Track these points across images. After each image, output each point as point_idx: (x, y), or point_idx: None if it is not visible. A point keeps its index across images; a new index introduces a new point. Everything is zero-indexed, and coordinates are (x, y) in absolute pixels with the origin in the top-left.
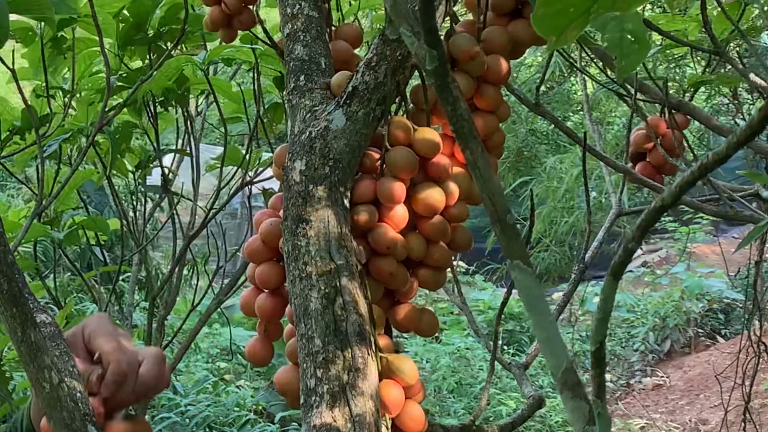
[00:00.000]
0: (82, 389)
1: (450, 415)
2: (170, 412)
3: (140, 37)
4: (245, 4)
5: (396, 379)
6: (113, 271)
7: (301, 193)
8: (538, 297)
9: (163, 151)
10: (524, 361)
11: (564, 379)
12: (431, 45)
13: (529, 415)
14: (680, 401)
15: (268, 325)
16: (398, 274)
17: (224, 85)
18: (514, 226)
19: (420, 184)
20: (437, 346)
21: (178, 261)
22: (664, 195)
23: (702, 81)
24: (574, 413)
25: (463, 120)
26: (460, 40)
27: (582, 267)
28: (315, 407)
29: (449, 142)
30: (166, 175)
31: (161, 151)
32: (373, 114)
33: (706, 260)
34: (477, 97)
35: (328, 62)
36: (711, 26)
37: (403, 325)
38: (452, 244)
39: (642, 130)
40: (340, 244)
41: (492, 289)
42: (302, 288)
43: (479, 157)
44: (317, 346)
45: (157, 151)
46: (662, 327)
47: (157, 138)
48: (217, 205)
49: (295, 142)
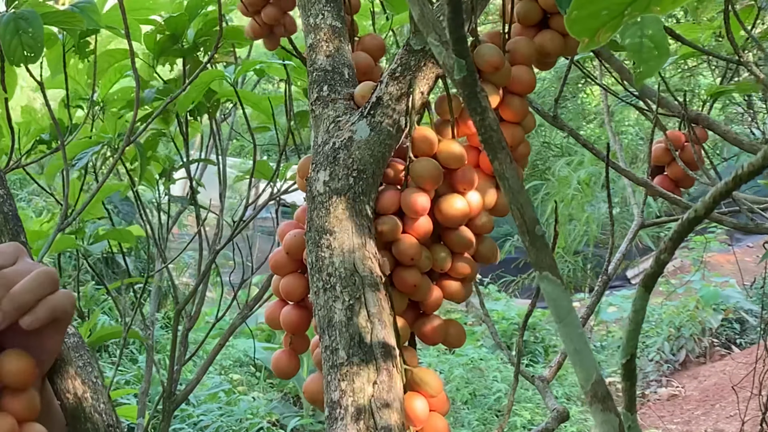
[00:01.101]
0: (105, 400)
1: (464, 426)
2: (183, 423)
3: (175, 49)
4: (284, 11)
5: (420, 391)
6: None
7: (325, 203)
8: (567, 309)
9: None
10: (547, 373)
11: (594, 391)
12: (459, 54)
13: (553, 429)
14: (696, 411)
15: (293, 337)
16: (422, 285)
17: (253, 97)
18: (542, 237)
19: (444, 195)
20: (451, 357)
21: (204, 275)
22: (697, 206)
23: (721, 91)
24: (603, 426)
25: (492, 130)
26: (485, 50)
27: (605, 279)
28: (340, 420)
29: (474, 153)
30: (193, 186)
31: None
32: (397, 125)
33: (721, 270)
34: (502, 107)
35: (351, 72)
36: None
37: (430, 337)
38: (477, 256)
39: (661, 143)
40: (364, 255)
41: (506, 300)
42: (326, 299)
43: (508, 167)
44: (341, 358)
45: (186, 162)
46: (677, 337)
47: (187, 150)
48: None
49: (319, 152)
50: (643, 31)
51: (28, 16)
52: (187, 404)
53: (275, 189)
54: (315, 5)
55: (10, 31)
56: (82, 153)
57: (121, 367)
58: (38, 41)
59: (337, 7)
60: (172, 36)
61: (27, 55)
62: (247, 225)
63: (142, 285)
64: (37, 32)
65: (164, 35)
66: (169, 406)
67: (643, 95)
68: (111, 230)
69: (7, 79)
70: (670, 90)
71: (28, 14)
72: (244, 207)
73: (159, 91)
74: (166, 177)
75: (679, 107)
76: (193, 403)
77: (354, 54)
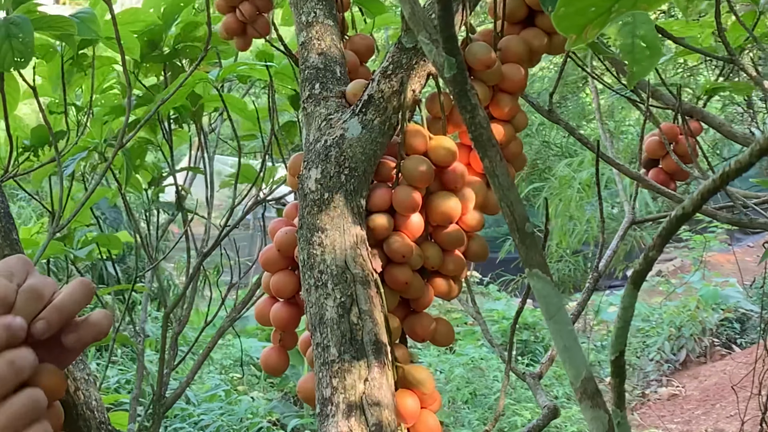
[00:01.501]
0: (98, 397)
1: (464, 426)
2: (183, 422)
3: (155, 55)
4: (260, 12)
5: (412, 388)
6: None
7: (317, 201)
8: (557, 306)
9: (176, 169)
10: (538, 370)
11: (583, 388)
12: (450, 53)
13: (543, 426)
14: (696, 411)
15: (283, 334)
16: (414, 283)
17: (239, 102)
18: (532, 234)
19: (436, 193)
20: (451, 357)
21: (192, 278)
22: (685, 203)
23: (716, 88)
24: (593, 423)
25: (482, 128)
26: (476, 48)
27: (596, 276)
28: (331, 417)
29: (465, 151)
30: (179, 192)
31: (175, 168)
32: (388, 122)
33: (721, 269)
34: (493, 106)
35: (343, 70)
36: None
37: (419, 334)
38: (468, 254)
39: (655, 136)
40: (355, 253)
41: (506, 300)
42: (318, 297)
43: (498, 165)
44: (333, 356)
45: (172, 169)
46: (678, 336)
47: (171, 155)
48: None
49: (311, 150)
50: (636, 31)
51: (19, 22)
52: (187, 403)
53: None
54: (307, 3)
55: (0, 36)
56: (70, 159)
57: (121, 366)
58: (29, 47)
59: (329, 5)
60: (151, 42)
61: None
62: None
63: (130, 288)
64: (28, 37)
65: (143, 42)
66: (159, 409)
67: (637, 88)
68: (99, 235)
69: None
70: (665, 83)
71: (18, 20)
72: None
73: (140, 98)
74: (155, 185)
75: (673, 100)
76: (193, 402)
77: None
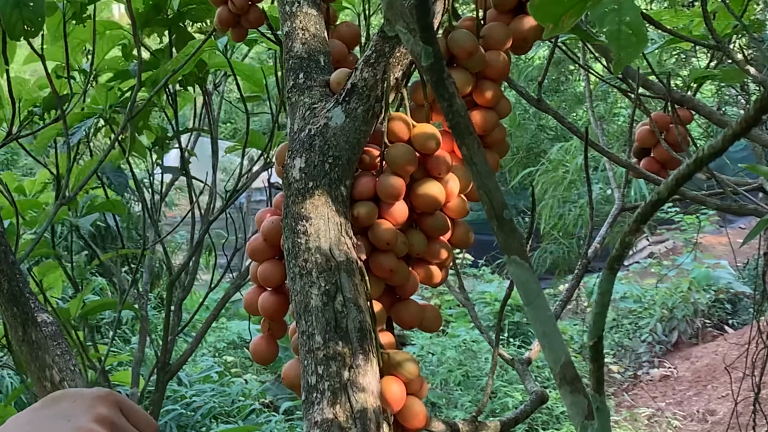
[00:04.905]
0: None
1: (457, 408)
2: (176, 404)
3: (160, 19)
4: (252, 2)
5: (397, 375)
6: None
7: (301, 190)
8: (536, 292)
9: (181, 131)
10: (527, 356)
11: (563, 374)
12: (426, 42)
13: (532, 411)
14: (688, 392)
15: (271, 323)
16: (399, 270)
17: (245, 68)
18: (510, 221)
19: (420, 180)
20: (444, 339)
21: (198, 245)
22: (660, 189)
23: (705, 76)
24: (572, 408)
25: (459, 116)
26: (458, 36)
27: (585, 262)
28: (316, 404)
29: (449, 138)
30: (184, 156)
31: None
32: (372, 111)
33: (713, 251)
34: (476, 93)
35: (327, 60)
36: (714, 21)
37: (406, 321)
38: (453, 240)
39: (646, 125)
40: (340, 241)
41: (498, 282)
42: (302, 285)
43: (475, 152)
44: (318, 343)
45: (176, 132)
46: (670, 318)
47: (176, 118)
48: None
49: (295, 139)
50: (621, 18)
51: None
52: (179, 385)
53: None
54: None
55: (10, 4)
56: (77, 126)
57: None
58: (38, 15)
59: None
60: (155, 6)
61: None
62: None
63: (138, 259)
64: (38, 6)
65: (147, 5)
66: (163, 376)
67: (627, 76)
68: (103, 202)
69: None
70: (654, 72)
71: None
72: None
73: (146, 62)
74: (159, 146)
75: (663, 89)
76: (185, 384)
77: (329, 42)
